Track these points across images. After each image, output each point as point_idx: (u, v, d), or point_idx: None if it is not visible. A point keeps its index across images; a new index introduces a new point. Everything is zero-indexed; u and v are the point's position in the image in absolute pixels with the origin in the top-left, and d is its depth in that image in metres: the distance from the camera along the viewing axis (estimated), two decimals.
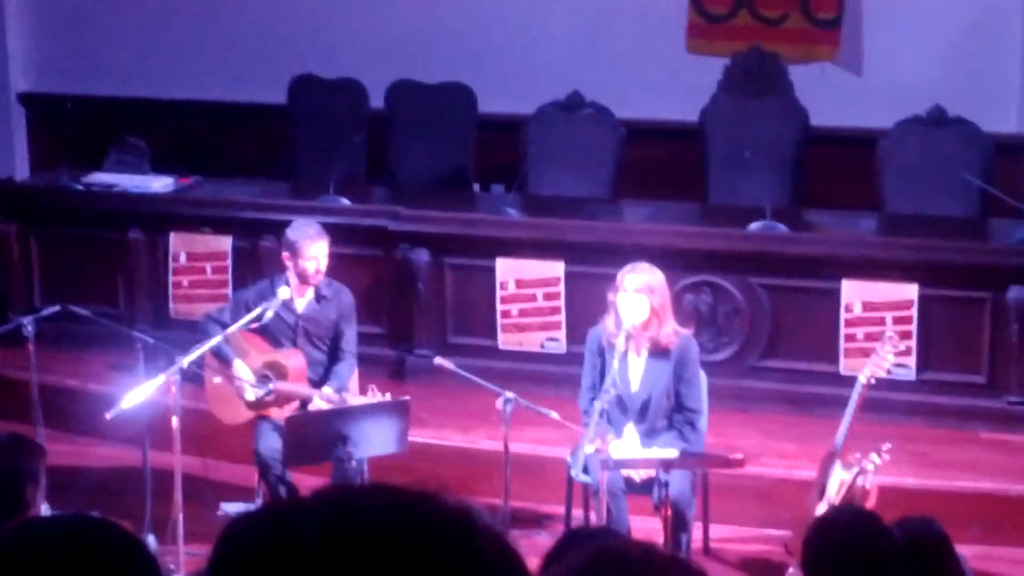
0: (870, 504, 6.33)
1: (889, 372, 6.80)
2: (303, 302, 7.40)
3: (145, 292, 9.05)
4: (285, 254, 7.36)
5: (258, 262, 8.70)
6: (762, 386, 8.24)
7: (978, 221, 8.84)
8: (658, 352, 6.87)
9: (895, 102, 9.44)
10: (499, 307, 8.51)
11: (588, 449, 6.46)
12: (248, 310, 7.15)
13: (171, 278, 8.98)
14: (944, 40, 9.95)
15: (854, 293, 8.04)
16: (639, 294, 6.76)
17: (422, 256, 8.56)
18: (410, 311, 8.65)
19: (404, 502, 1.99)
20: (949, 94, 9.36)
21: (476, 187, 10.04)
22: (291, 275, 7.34)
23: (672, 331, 6.89)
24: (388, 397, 6.92)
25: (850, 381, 6.73)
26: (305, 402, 7.17)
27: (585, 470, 6.64)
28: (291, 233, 7.34)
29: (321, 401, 7.09)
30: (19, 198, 9.49)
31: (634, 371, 6.89)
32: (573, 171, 9.51)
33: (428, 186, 9.80)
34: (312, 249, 7.27)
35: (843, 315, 8.06)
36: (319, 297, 7.41)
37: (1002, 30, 9.88)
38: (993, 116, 9.44)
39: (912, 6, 9.95)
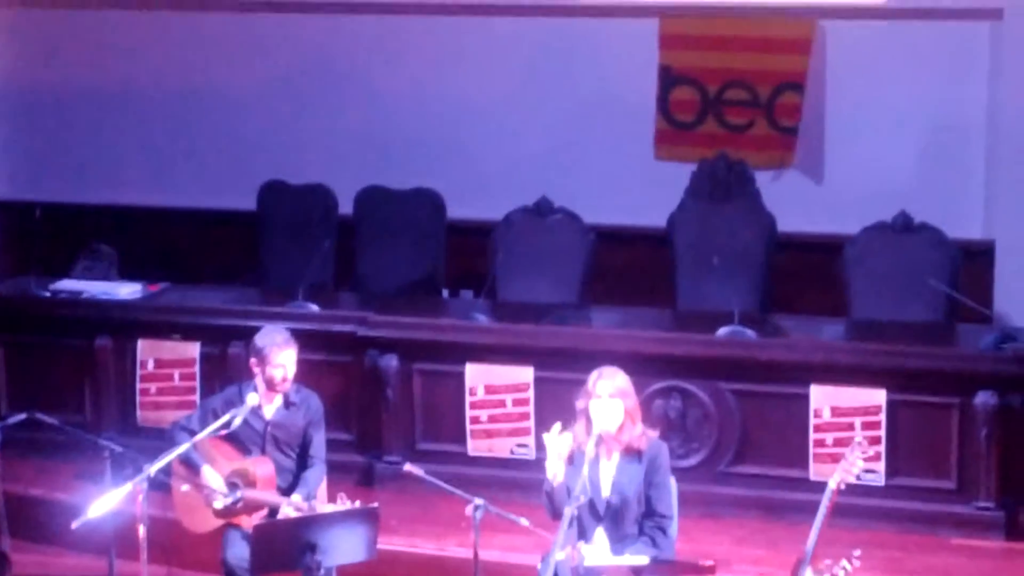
0: None
1: (859, 477, 6.78)
2: (271, 408, 7.37)
3: (112, 399, 9.00)
4: (253, 360, 7.35)
5: (226, 368, 8.68)
6: (732, 492, 8.23)
7: (945, 326, 8.89)
8: (629, 455, 6.85)
9: (861, 207, 9.52)
10: (468, 413, 8.49)
11: (559, 556, 6.42)
12: (216, 417, 7.12)
13: (139, 385, 8.94)
14: (908, 147, 10.06)
15: (823, 398, 8.05)
16: (613, 399, 6.76)
17: (391, 362, 8.56)
18: (379, 417, 8.62)
19: None
20: (914, 200, 9.44)
21: (445, 293, 10.05)
22: (259, 382, 7.32)
23: (642, 432, 6.89)
24: (357, 504, 6.87)
25: (820, 486, 6.71)
26: (274, 510, 7.12)
27: None
28: (259, 340, 7.33)
29: (289, 509, 7.04)
30: None
31: (605, 476, 6.87)
32: (542, 276, 9.54)
33: (397, 292, 9.80)
34: (280, 357, 7.26)
35: (812, 420, 8.07)
36: (288, 403, 7.39)
37: (966, 136, 10.00)
38: (958, 222, 9.53)
39: (876, 113, 10.07)
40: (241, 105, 10.99)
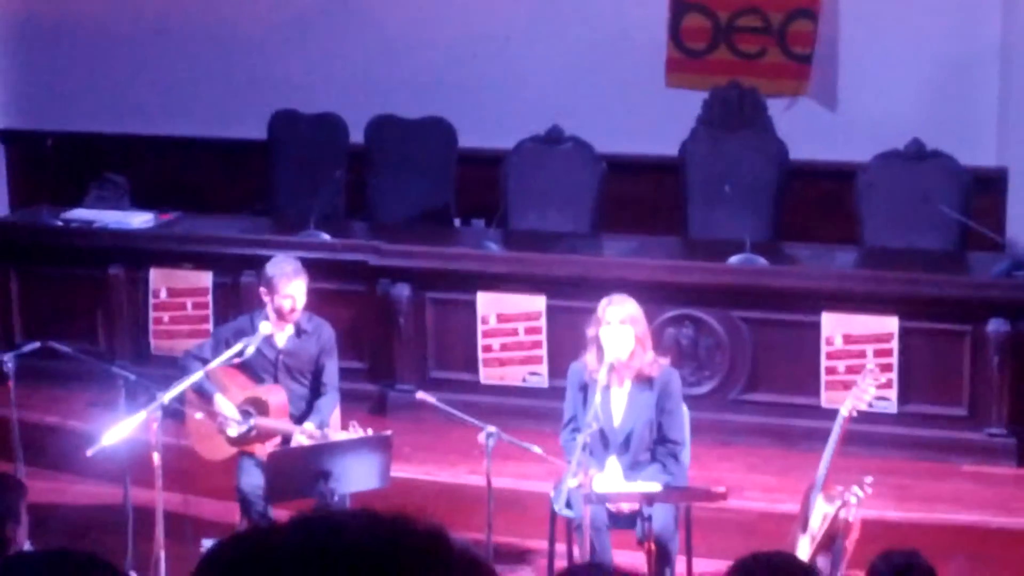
0: (853, 537, 6.34)
1: (870, 405, 6.80)
2: (283, 337, 7.39)
3: (125, 328, 9.03)
4: (262, 289, 7.36)
5: (239, 298, 8.69)
6: (744, 419, 8.25)
7: (957, 254, 8.88)
8: (641, 382, 6.87)
9: (873, 136, 9.48)
10: (480, 341, 8.51)
11: (571, 483, 6.45)
12: (228, 346, 7.13)
13: (151, 314, 8.97)
14: (922, 74, 10.00)
15: (834, 326, 8.06)
16: (624, 325, 6.77)
17: (403, 291, 8.56)
18: (391, 346, 8.64)
19: (378, 524, 2.04)
20: (927, 128, 9.39)
21: (457, 222, 10.04)
22: (270, 311, 7.33)
23: (653, 359, 6.90)
24: (370, 432, 6.90)
25: (831, 414, 6.74)
26: (287, 438, 7.16)
27: (568, 504, 6.65)
28: (269, 269, 7.34)
29: (302, 437, 7.07)
30: None
31: (616, 404, 6.89)
32: (553, 205, 9.52)
33: (408, 221, 9.80)
34: (288, 287, 7.26)
35: (824, 348, 8.08)
36: (299, 332, 7.40)
37: (979, 63, 9.93)
38: (971, 149, 9.48)
39: (890, 41, 10.00)
40: (252, 34, 10.94)
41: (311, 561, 1.98)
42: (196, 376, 7.03)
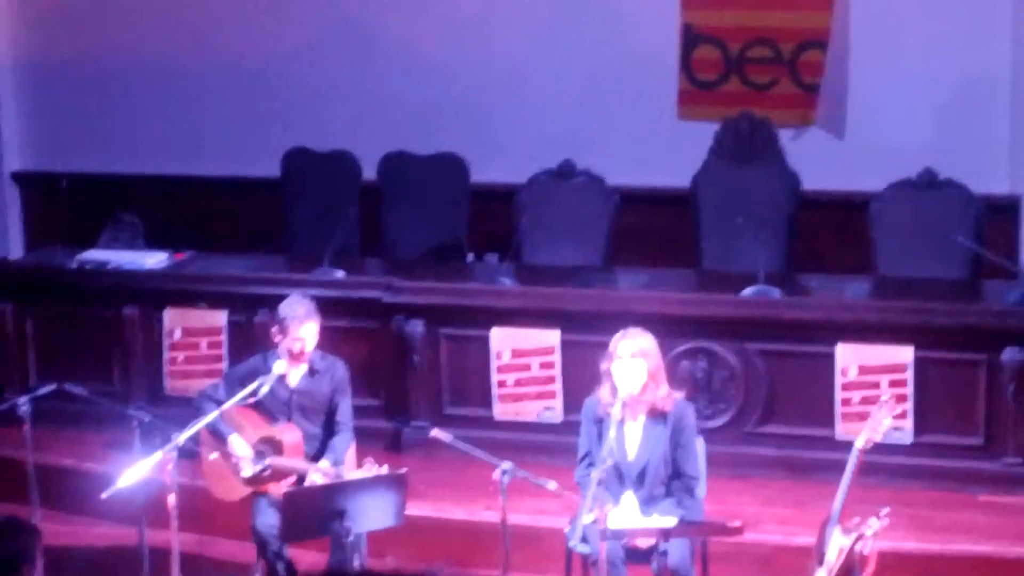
0: (870, 569, 6.32)
1: (886, 436, 6.78)
2: (296, 376, 7.39)
3: (140, 369, 9.04)
4: (274, 329, 7.37)
5: (253, 336, 8.70)
6: (759, 452, 8.23)
7: (971, 283, 8.86)
8: (655, 417, 6.86)
9: (885, 165, 9.48)
10: (495, 377, 8.51)
11: (587, 519, 6.44)
12: (242, 386, 7.13)
13: (166, 354, 8.98)
14: (933, 102, 10.01)
15: (849, 357, 8.04)
16: (635, 359, 6.77)
17: (417, 327, 8.57)
18: (406, 383, 8.64)
19: None
20: (939, 156, 9.39)
21: (470, 257, 10.06)
22: (282, 350, 7.34)
23: (667, 393, 6.89)
24: (385, 470, 6.90)
25: (847, 445, 6.72)
26: (302, 477, 7.15)
27: (584, 540, 6.63)
28: (282, 310, 7.34)
29: (317, 476, 7.07)
30: (14, 277, 9.49)
31: (631, 438, 6.88)
32: (567, 239, 9.53)
33: (422, 257, 9.81)
34: (300, 331, 7.27)
35: (839, 379, 8.06)
36: (312, 371, 7.41)
37: (990, 91, 9.93)
38: (983, 177, 9.48)
39: (900, 70, 10.01)
40: (264, 72, 10.99)
41: None
42: (211, 417, 7.04)
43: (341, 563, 6.69)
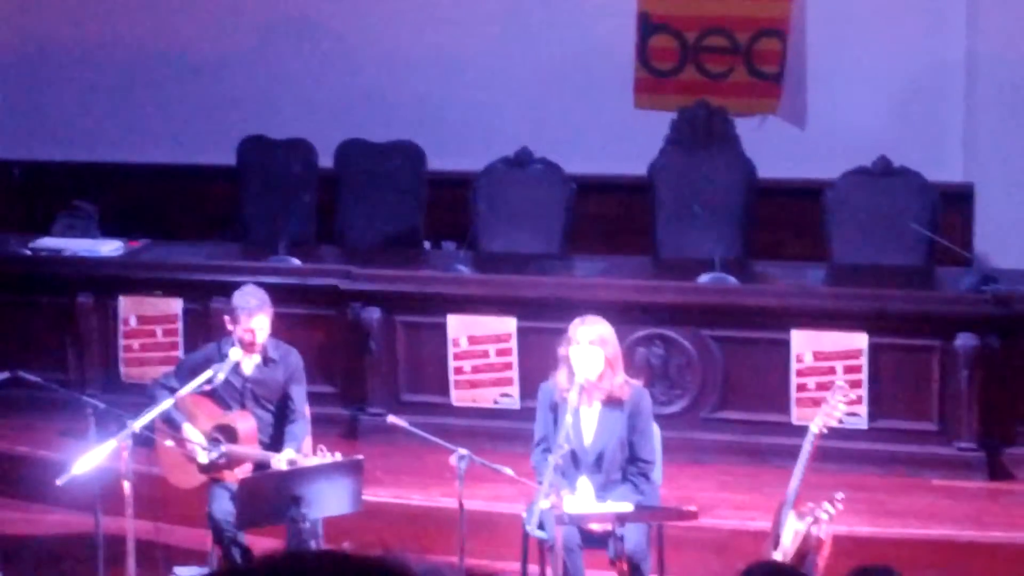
0: (825, 553, 6.35)
1: (841, 421, 6.82)
2: (250, 365, 7.37)
3: (95, 357, 8.99)
4: (227, 318, 7.35)
5: (209, 324, 8.67)
6: (715, 437, 8.26)
7: (925, 270, 8.91)
8: (611, 403, 6.88)
9: (840, 153, 9.52)
10: (452, 364, 8.51)
11: (543, 504, 6.45)
12: (195, 374, 7.11)
13: (121, 342, 8.94)
14: (888, 91, 10.06)
15: (804, 343, 8.08)
16: (593, 346, 6.78)
17: (374, 315, 8.56)
18: (362, 370, 8.63)
19: (349, 567, 1.99)
20: (894, 145, 9.44)
21: (427, 245, 10.05)
22: (236, 338, 7.32)
23: (624, 381, 6.91)
24: (339, 457, 6.89)
25: (802, 431, 6.76)
26: (262, 465, 7.13)
27: (540, 526, 6.65)
28: (235, 299, 7.32)
29: (282, 464, 7.04)
30: None
31: (587, 424, 6.89)
32: (523, 227, 9.53)
33: (379, 245, 9.80)
34: (251, 322, 7.24)
35: (794, 365, 8.10)
36: (267, 360, 7.39)
37: (944, 80, 9.99)
38: (938, 166, 9.53)
39: (856, 59, 10.06)
40: (220, 60, 10.95)
41: None
42: (165, 405, 7.01)
43: (298, 549, 6.69)
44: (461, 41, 10.61)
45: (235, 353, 7.21)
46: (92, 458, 6.57)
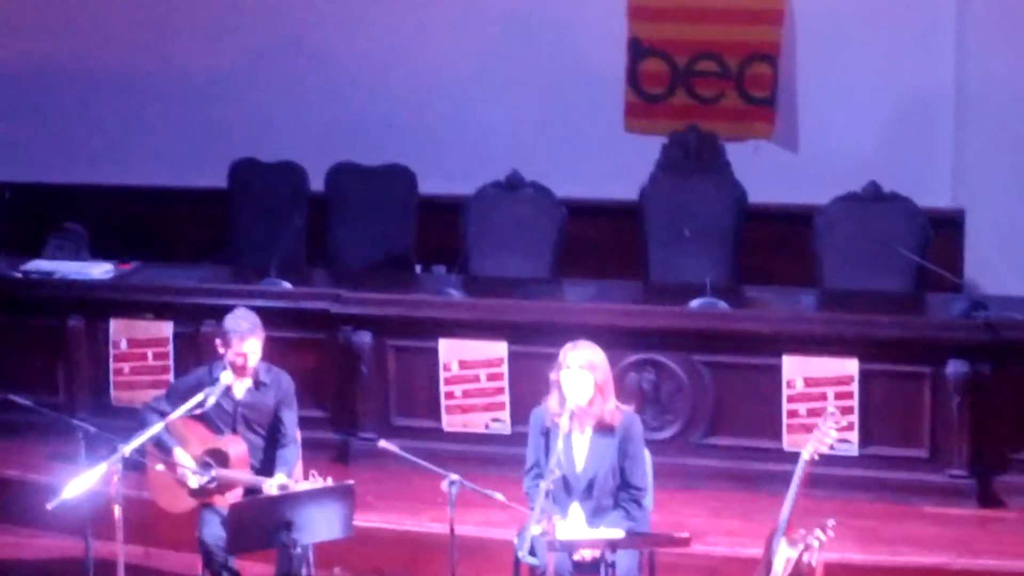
0: None
1: (832, 448, 6.81)
2: (241, 389, 7.36)
3: (86, 380, 8.98)
4: (218, 341, 7.34)
5: (200, 347, 8.66)
6: (706, 463, 8.26)
7: (916, 295, 8.93)
8: (602, 429, 6.87)
9: (831, 179, 9.55)
10: (443, 388, 8.50)
11: (534, 530, 6.44)
12: (187, 398, 7.10)
13: (112, 365, 8.93)
14: (878, 117, 10.09)
15: (795, 369, 8.08)
16: (583, 371, 6.77)
17: (365, 338, 8.56)
18: (353, 394, 8.62)
19: None
20: (884, 170, 9.47)
21: (418, 268, 10.06)
22: (227, 362, 7.31)
23: (615, 407, 6.90)
24: (330, 482, 6.88)
25: (794, 457, 6.75)
26: (254, 489, 7.12)
27: (532, 552, 6.62)
28: (226, 323, 7.31)
29: (274, 489, 7.03)
30: None
31: (579, 450, 6.88)
32: (514, 250, 9.55)
33: (369, 268, 9.80)
34: (243, 346, 7.24)
35: (785, 391, 8.10)
36: (258, 384, 7.38)
37: (934, 106, 10.03)
38: (928, 191, 9.57)
39: (846, 85, 10.09)
40: (211, 83, 10.96)
41: None
42: (156, 429, 7.00)
43: (288, 575, 6.68)
44: (453, 64, 10.63)
45: (226, 377, 7.20)
46: (82, 482, 6.55)
